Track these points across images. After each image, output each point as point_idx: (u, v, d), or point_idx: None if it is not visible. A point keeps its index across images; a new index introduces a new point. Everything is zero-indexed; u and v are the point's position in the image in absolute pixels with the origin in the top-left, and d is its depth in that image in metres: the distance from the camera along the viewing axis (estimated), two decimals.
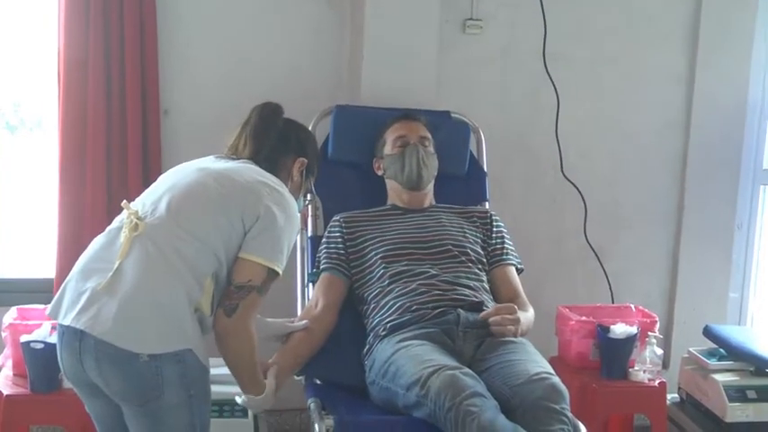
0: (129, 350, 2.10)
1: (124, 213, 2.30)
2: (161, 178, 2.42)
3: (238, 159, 2.47)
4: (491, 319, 2.60)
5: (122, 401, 2.21)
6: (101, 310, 2.13)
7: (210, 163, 2.44)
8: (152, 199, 2.31)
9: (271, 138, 2.52)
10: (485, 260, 2.92)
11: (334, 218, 3.00)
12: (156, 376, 2.14)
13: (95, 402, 2.31)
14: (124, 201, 2.34)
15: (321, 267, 2.87)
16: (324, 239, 2.96)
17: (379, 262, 2.82)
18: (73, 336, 2.16)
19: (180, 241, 2.22)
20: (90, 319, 2.12)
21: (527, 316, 2.74)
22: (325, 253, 2.90)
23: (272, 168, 2.46)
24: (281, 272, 2.33)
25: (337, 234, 2.92)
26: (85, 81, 3.28)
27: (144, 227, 2.22)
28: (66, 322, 2.17)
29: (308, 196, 2.74)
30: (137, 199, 2.37)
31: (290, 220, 2.36)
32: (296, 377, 2.65)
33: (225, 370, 2.99)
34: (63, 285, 2.26)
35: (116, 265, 2.17)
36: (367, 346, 2.71)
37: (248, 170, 2.40)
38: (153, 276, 2.18)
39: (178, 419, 2.22)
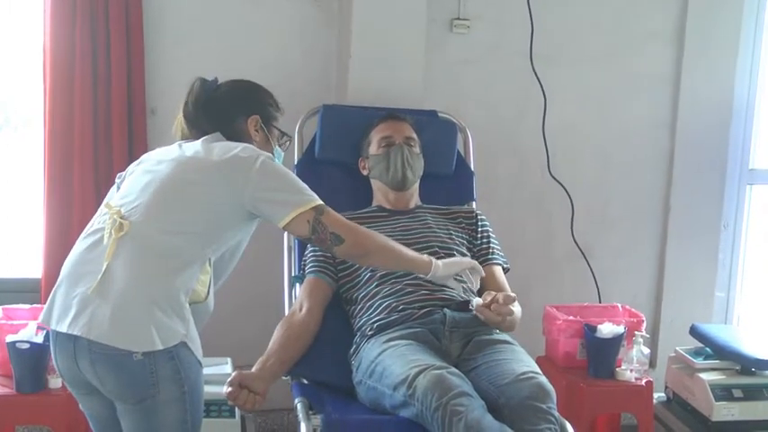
0: (123, 349, 2.11)
1: (104, 215, 2.30)
2: (137, 175, 2.39)
3: (198, 138, 2.45)
4: (493, 306, 2.60)
5: (118, 400, 2.22)
6: (95, 314, 2.13)
7: (182, 150, 2.41)
8: (133, 197, 2.30)
9: (211, 115, 2.50)
10: None
11: None
12: (151, 374, 2.15)
13: (91, 400, 2.32)
14: (105, 201, 2.33)
15: (307, 270, 2.86)
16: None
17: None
18: (66, 339, 2.17)
19: (168, 235, 2.23)
20: (85, 324, 2.13)
21: (515, 310, 2.74)
22: (311, 256, 2.89)
23: (232, 138, 2.45)
24: (318, 202, 2.35)
25: None
26: (72, 80, 3.27)
27: (129, 225, 2.22)
28: (62, 329, 2.17)
29: (284, 138, 2.68)
30: (115, 198, 2.36)
31: (282, 168, 2.38)
32: (283, 377, 2.64)
33: (213, 369, 3.01)
34: (53, 292, 2.26)
35: (104, 267, 2.17)
36: (354, 346, 2.71)
37: (219, 147, 2.38)
38: (144, 274, 2.18)
39: (171, 416, 2.22)
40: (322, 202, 2.37)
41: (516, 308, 2.72)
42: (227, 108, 2.53)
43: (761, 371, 3.35)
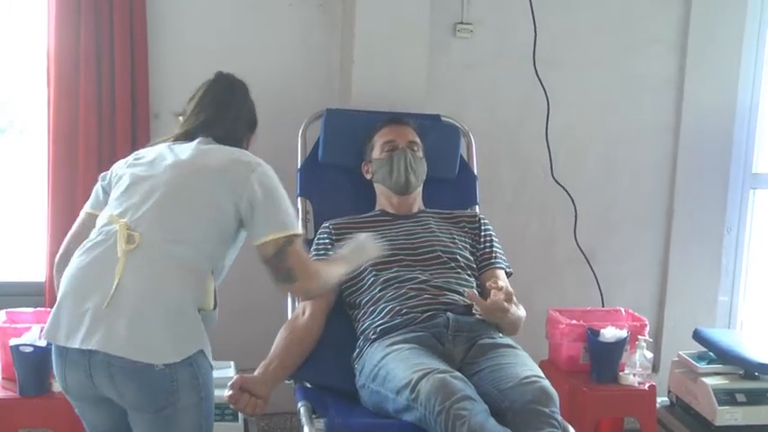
0: (144, 362, 2.11)
1: (107, 225, 2.26)
2: (132, 181, 2.35)
3: (195, 139, 2.45)
4: (494, 293, 2.61)
5: (137, 410, 2.20)
6: (111, 329, 2.11)
7: (176, 154, 2.40)
8: (136, 206, 2.27)
9: (242, 119, 2.57)
10: (474, 265, 2.92)
11: (323, 225, 2.99)
12: (172, 383, 2.15)
13: (97, 413, 2.30)
14: (110, 213, 2.29)
15: None
16: (313, 246, 2.95)
17: (370, 269, 2.81)
18: (80, 355, 2.15)
19: (176, 245, 2.22)
20: (101, 339, 2.11)
21: (518, 313, 2.73)
22: (314, 260, 2.89)
23: (232, 145, 2.49)
24: (299, 231, 2.37)
25: (327, 241, 2.91)
26: (76, 84, 3.28)
27: (139, 237, 2.20)
28: (74, 345, 2.14)
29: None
30: (112, 206, 2.32)
31: (277, 183, 2.39)
32: (286, 381, 2.65)
33: (216, 373, 2.99)
34: (56, 308, 2.22)
35: (116, 281, 2.15)
36: (357, 350, 2.71)
37: (215, 151, 2.41)
38: (157, 286, 2.18)
39: (189, 422, 2.23)
40: (300, 232, 2.38)
41: (521, 312, 2.72)
42: (250, 116, 2.60)
43: (764, 375, 3.35)
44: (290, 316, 2.87)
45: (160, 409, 2.17)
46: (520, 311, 2.75)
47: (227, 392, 2.45)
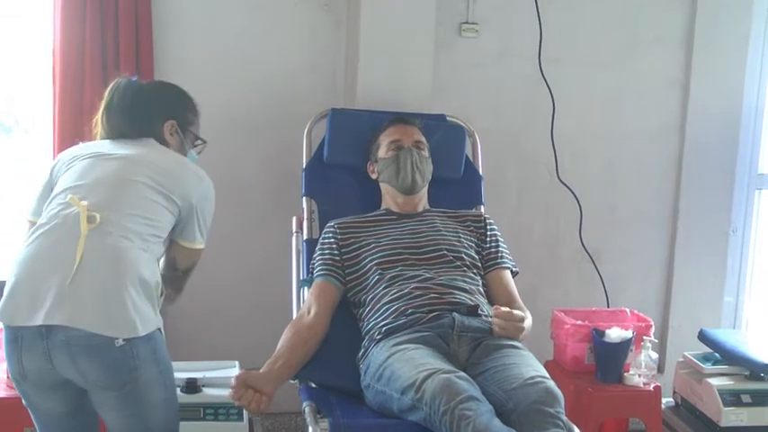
0: (108, 336, 2.15)
1: (65, 209, 2.29)
2: (84, 168, 2.40)
3: (131, 139, 2.51)
4: (497, 321, 2.61)
5: (101, 389, 2.24)
6: (77, 304, 2.16)
7: (123, 149, 2.46)
8: (91, 190, 2.32)
9: (134, 119, 2.56)
10: (479, 264, 2.91)
11: (328, 224, 2.99)
12: (132, 358, 2.20)
13: (53, 398, 2.32)
14: (71, 195, 2.32)
15: (315, 274, 2.86)
16: (318, 245, 2.95)
17: (375, 268, 2.81)
18: (36, 336, 2.18)
19: (135, 224, 2.29)
20: (66, 314, 2.15)
21: (526, 324, 2.73)
22: (319, 259, 2.89)
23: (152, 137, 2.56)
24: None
25: (332, 240, 2.92)
26: (81, 83, 3.28)
27: (101, 218, 2.25)
28: (35, 323, 2.16)
29: (198, 142, 2.73)
30: (69, 192, 2.34)
31: (212, 200, 2.54)
32: (291, 381, 2.65)
33: (221, 373, 3.00)
34: (12, 290, 2.24)
35: (78, 259, 2.19)
36: (362, 350, 2.71)
37: (158, 151, 2.51)
38: (120, 262, 2.22)
39: (154, 396, 2.29)
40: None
41: (527, 321, 2.72)
42: (149, 111, 2.60)
43: None
44: (295, 315, 2.87)
45: (123, 386, 2.22)
46: (527, 322, 2.73)
47: (231, 386, 2.45)
